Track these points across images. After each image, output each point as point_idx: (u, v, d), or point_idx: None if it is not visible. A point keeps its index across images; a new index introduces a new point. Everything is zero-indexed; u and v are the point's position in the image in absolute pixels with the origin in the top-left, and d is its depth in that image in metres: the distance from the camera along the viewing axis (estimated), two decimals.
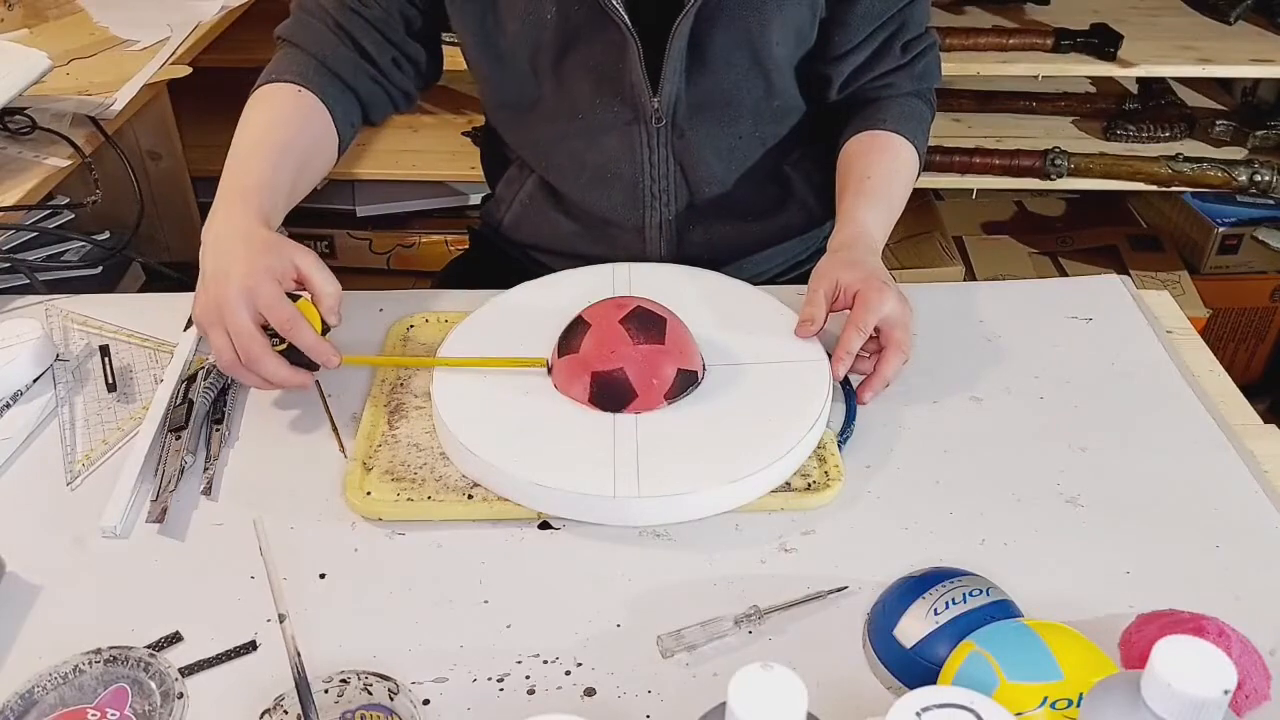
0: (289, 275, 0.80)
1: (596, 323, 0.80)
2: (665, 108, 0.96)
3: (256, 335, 0.77)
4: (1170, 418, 0.85)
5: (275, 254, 0.79)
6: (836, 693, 0.64)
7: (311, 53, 0.96)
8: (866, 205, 0.94)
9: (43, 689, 0.63)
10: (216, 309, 0.77)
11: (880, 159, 0.98)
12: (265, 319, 0.78)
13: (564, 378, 0.80)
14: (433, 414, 0.82)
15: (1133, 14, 1.86)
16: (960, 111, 1.95)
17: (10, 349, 0.87)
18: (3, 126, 1.18)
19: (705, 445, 0.77)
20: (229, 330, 0.77)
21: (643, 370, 0.78)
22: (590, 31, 0.93)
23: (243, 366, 0.78)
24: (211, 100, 1.93)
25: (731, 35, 0.94)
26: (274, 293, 0.77)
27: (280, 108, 0.93)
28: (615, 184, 1.02)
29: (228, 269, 0.78)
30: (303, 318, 0.79)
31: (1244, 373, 2.06)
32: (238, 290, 0.76)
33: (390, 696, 0.62)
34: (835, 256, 0.88)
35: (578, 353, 0.79)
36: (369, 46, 0.97)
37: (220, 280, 0.78)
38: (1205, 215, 1.97)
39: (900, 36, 0.99)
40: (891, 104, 1.01)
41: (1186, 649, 0.45)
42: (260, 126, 0.91)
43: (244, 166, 0.87)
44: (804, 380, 0.82)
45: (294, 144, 0.90)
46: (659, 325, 0.80)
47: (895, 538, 0.75)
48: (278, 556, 0.73)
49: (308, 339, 0.79)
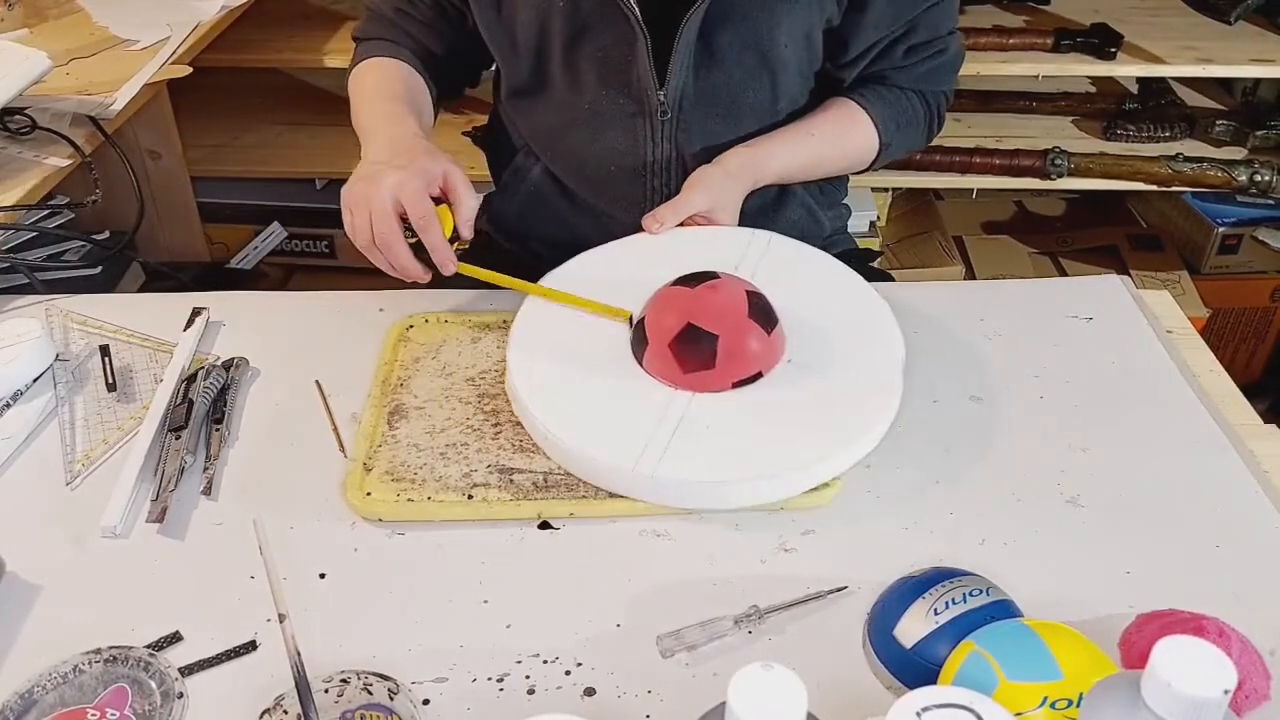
0: (437, 181, 0.87)
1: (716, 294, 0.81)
2: (670, 102, 0.97)
3: (394, 221, 0.84)
4: (1170, 418, 0.85)
5: (430, 159, 0.87)
6: (836, 693, 0.64)
7: (391, 40, 1.04)
8: (784, 145, 1.00)
9: (43, 689, 0.63)
10: (365, 193, 0.85)
11: (832, 123, 1.02)
12: (405, 211, 0.84)
13: (654, 326, 0.81)
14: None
15: (1133, 14, 1.86)
16: (960, 111, 1.95)
17: (10, 349, 0.87)
18: (3, 126, 1.18)
19: (742, 439, 0.76)
20: (371, 212, 0.84)
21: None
22: (599, 22, 0.94)
23: (375, 247, 0.86)
24: (211, 100, 1.95)
25: (740, 33, 0.94)
26: (419, 190, 0.84)
27: (387, 70, 1.02)
28: (619, 175, 1.02)
29: (386, 161, 0.87)
30: (437, 219, 0.85)
31: (1244, 373, 2.06)
32: (390, 181, 0.84)
33: (390, 696, 0.62)
34: (715, 168, 0.96)
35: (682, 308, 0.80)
36: (426, 41, 1.05)
37: (376, 169, 0.86)
38: (1205, 215, 1.97)
39: (905, 41, 1.00)
40: (879, 89, 1.03)
41: (1186, 649, 0.45)
42: (376, 83, 1.00)
43: (378, 106, 0.97)
44: (864, 404, 0.79)
45: (410, 95, 0.99)
46: (770, 316, 0.81)
47: (895, 538, 0.75)
48: (278, 556, 0.73)
49: (435, 239, 0.85)
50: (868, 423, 0.77)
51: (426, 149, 0.89)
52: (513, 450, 0.80)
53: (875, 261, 1.22)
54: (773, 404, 0.79)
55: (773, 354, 0.81)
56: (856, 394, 0.80)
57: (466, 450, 0.80)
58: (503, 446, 0.81)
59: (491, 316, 0.95)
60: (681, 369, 0.79)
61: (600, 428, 0.77)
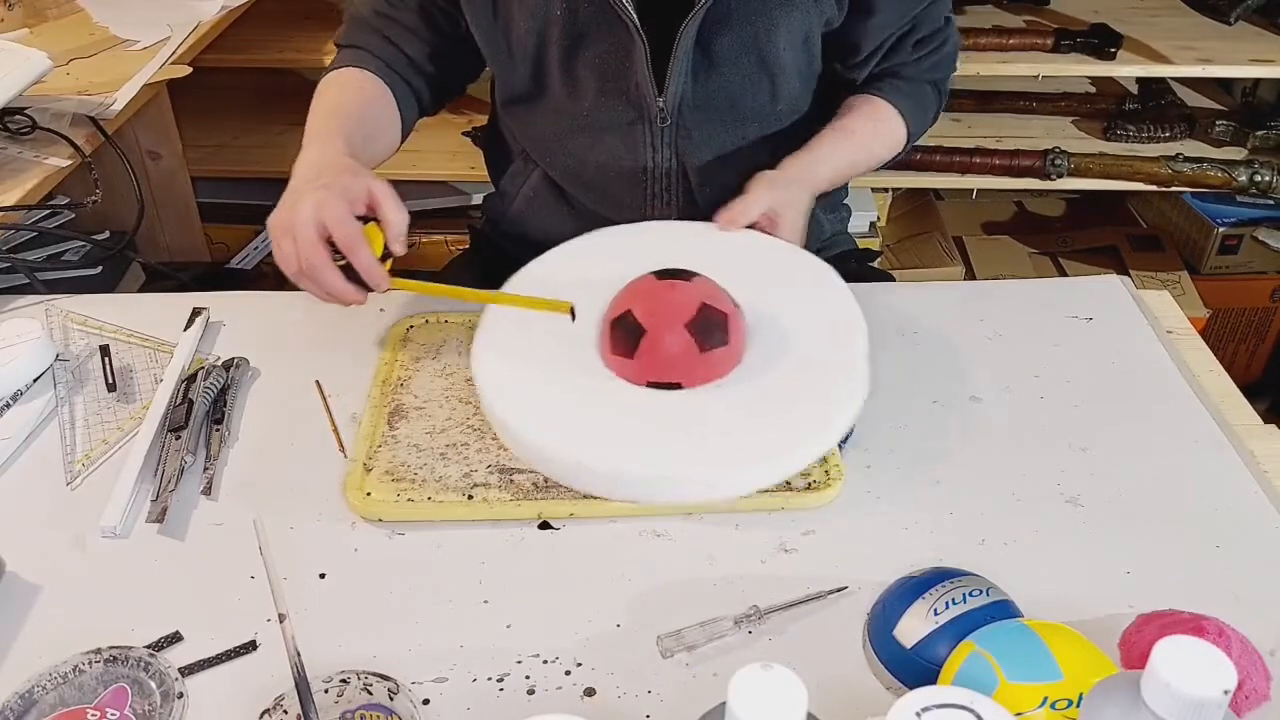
0: (361, 200, 0.83)
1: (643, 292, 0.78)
2: (670, 108, 0.97)
3: (320, 247, 0.81)
4: (1170, 418, 0.85)
5: (352, 177, 0.84)
6: (836, 693, 0.64)
7: (370, 50, 1.02)
8: (829, 148, 0.99)
9: (43, 689, 0.63)
10: (289, 219, 0.82)
11: (865, 119, 1.02)
12: (330, 234, 0.81)
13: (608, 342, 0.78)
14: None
15: (1133, 14, 1.86)
16: (960, 111, 1.95)
17: (10, 349, 0.87)
18: (3, 126, 1.18)
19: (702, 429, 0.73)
20: (296, 239, 0.81)
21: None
22: (598, 30, 0.93)
23: (304, 275, 0.82)
24: (211, 100, 1.95)
25: (738, 38, 0.94)
26: (341, 211, 0.81)
27: (350, 87, 0.99)
28: (618, 181, 1.02)
29: (308, 184, 0.83)
30: (364, 239, 0.81)
31: (1244, 373, 2.06)
32: (311, 204, 0.80)
33: (390, 696, 0.62)
34: (778, 172, 0.95)
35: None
36: (406, 48, 1.02)
37: (298, 194, 0.83)
38: (1205, 215, 1.97)
39: (912, 36, 1.01)
40: (896, 83, 1.03)
41: (1186, 649, 0.45)
42: (334, 99, 0.98)
43: (321, 123, 0.94)
44: (829, 387, 0.76)
45: (366, 115, 0.97)
46: (712, 335, 0.76)
47: (895, 538, 0.75)
48: (278, 556, 0.73)
49: (363, 259, 0.81)
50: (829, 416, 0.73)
51: (348, 166, 0.85)
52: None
53: (875, 262, 1.22)
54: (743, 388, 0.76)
55: (702, 370, 0.76)
56: (823, 361, 0.77)
57: (467, 450, 0.80)
58: (503, 447, 0.80)
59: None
60: (610, 349, 0.77)
61: (576, 431, 0.74)
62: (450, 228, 1.93)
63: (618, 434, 0.74)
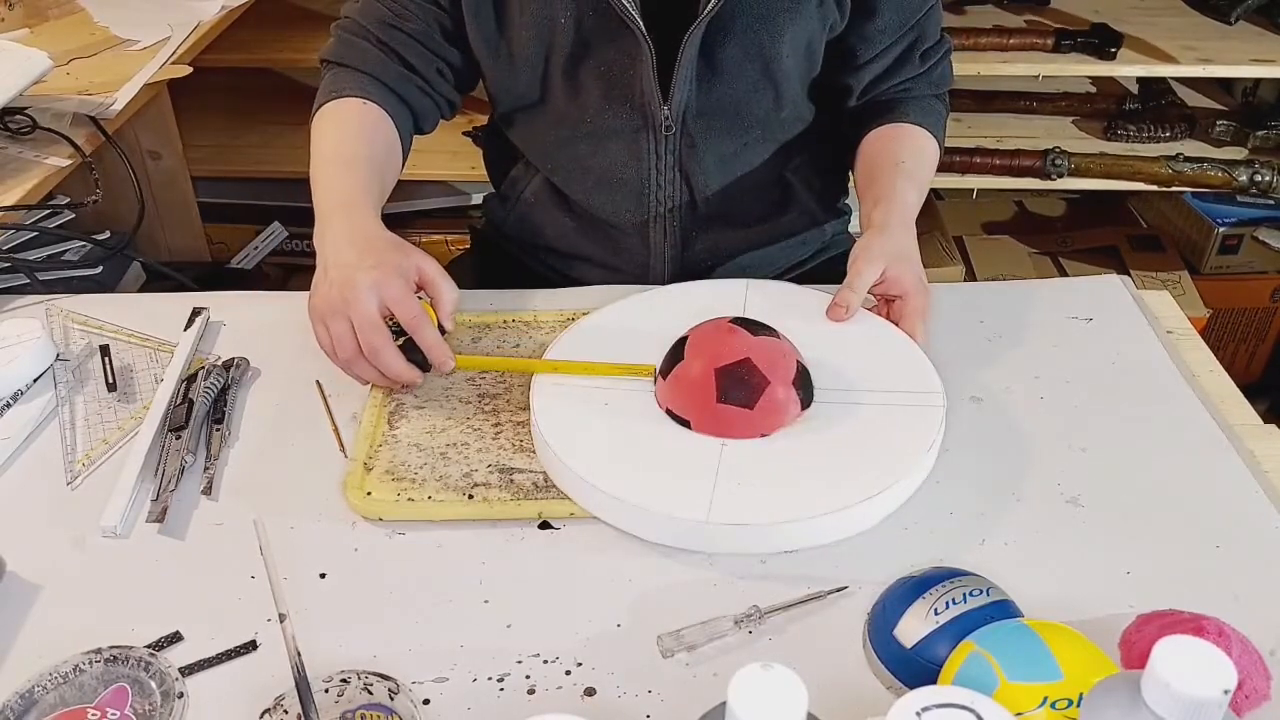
0: (412, 276, 0.81)
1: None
2: (675, 115, 0.97)
3: (382, 327, 0.79)
4: (1170, 418, 0.85)
5: (403, 254, 0.82)
6: (836, 693, 0.63)
7: (364, 70, 0.98)
8: (904, 183, 0.95)
9: (43, 689, 0.63)
10: (342, 300, 0.79)
11: (909, 146, 1.00)
12: (390, 313, 0.79)
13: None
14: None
15: (1133, 14, 1.86)
16: (960, 111, 1.95)
17: (10, 349, 0.87)
18: (3, 126, 1.18)
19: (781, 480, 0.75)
20: (354, 320, 0.79)
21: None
22: (604, 37, 0.93)
23: (363, 357, 0.80)
24: (211, 100, 1.95)
25: (743, 46, 0.94)
26: (401, 290, 0.79)
27: (351, 121, 0.95)
28: (620, 188, 1.02)
29: (355, 263, 0.80)
30: (428, 317, 0.81)
31: (1244, 373, 2.06)
32: (368, 283, 0.78)
33: (390, 696, 0.62)
34: (880, 235, 0.89)
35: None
36: (414, 60, 0.98)
37: (347, 273, 0.79)
38: (1205, 215, 1.97)
39: (919, 46, 1.01)
40: (911, 103, 1.03)
41: (1186, 649, 0.45)
42: (337, 140, 0.93)
43: (336, 180, 0.89)
44: (902, 440, 0.78)
45: (373, 155, 0.92)
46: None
47: (895, 538, 0.75)
48: (278, 556, 0.73)
49: (430, 337, 0.81)
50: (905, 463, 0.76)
51: (393, 242, 0.83)
52: (513, 450, 0.80)
53: None
54: (813, 438, 0.78)
55: (739, 426, 0.77)
56: (898, 417, 0.80)
57: (467, 450, 0.80)
58: (503, 446, 0.81)
59: (492, 317, 0.95)
60: (719, 398, 0.77)
61: (653, 483, 0.74)
62: (450, 228, 1.94)
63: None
